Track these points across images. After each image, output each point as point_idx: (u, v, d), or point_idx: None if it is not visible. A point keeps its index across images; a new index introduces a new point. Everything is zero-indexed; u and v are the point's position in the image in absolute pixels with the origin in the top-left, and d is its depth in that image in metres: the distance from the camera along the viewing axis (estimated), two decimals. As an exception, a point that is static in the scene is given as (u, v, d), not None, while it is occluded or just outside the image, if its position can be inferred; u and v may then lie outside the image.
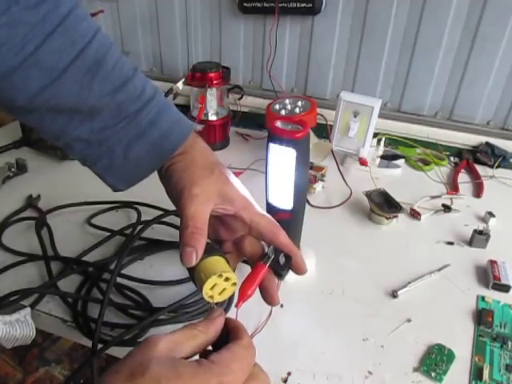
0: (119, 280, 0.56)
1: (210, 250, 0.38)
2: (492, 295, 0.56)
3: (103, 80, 0.38)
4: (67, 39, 0.36)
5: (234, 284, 0.38)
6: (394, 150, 0.92)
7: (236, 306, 0.38)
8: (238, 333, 0.33)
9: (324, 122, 0.90)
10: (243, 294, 0.38)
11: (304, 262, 0.42)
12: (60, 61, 0.36)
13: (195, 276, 0.38)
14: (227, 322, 0.34)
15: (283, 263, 0.40)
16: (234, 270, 0.39)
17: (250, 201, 0.42)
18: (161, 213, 0.66)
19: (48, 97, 0.37)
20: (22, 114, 0.39)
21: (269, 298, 0.41)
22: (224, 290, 0.38)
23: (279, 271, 0.40)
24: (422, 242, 0.67)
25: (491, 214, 0.71)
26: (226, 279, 0.37)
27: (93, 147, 0.40)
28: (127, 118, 0.39)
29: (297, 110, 0.84)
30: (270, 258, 0.40)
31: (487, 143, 0.91)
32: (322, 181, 0.82)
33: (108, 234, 0.66)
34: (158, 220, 0.63)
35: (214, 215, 0.40)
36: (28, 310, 0.50)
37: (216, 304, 0.37)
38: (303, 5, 0.92)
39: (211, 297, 0.37)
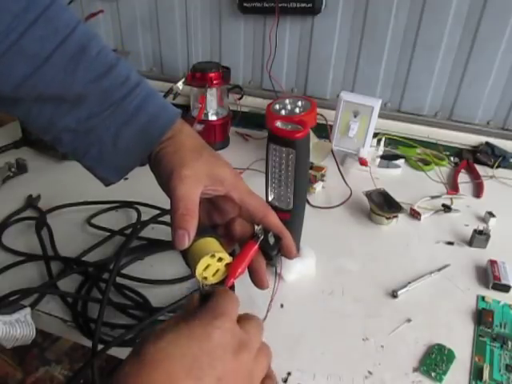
0: (119, 280, 0.56)
1: (202, 232, 0.38)
2: (492, 295, 0.56)
3: (87, 67, 0.39)
4: (50, 27, 0.37)
5: (228, 264, 0.37)
6: (394, 150, 0.92)
7: (226, 284, 0.37)
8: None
9: (324, 122, 0.90)
10: (233, 272, 0.37)
11: (294, 244, 0.41)
12: (43, 48, 0.37)
13: (188, 258, 0.38)
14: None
15: (273, 244, 0.40)
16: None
17: (241, 181, 0.41)
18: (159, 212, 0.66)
19: (33, 85, 0.37)
20: (9, 105, 0.39)
21: (258, 280, 0.41)
22: (218, 270, 0.37)
23: (268, 251, 0.40)
24: (422, 242, 0.67)
25: (491, 214, 0.70)
26: (220, 260, 0.37)
27: (81, 137, 0.41)
28: (113, 105, 0.40)
29: (297, 110, 0.84)
30: (259, 237, 0.39)
31: (487, 143, 0.91)
32: (322, 181, 0.82)
33: (108, 234, 0.66)
34: (155, 219, 0.63)
35: (206, 198, 0.40)
36: (28, 310, 0.50)
37: (206, 286, 0.37)
38: (303, 5, 0.92)
39: (205, 278, 0.37)
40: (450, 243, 0.67)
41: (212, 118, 0.95)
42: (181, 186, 0.37)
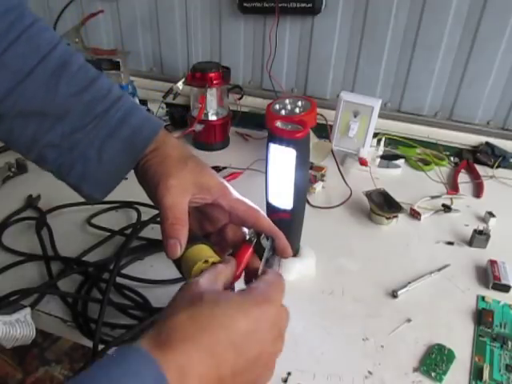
0: (119, 280, 0.56)
1: (193, 240, 0.38)
2: (492, 295, 0.56)
3: (69, 81, 0.39)
4: (32, 45, 0.38)
5: None
6: (394, 150, 0.92)
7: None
8: (266, 270, 0.36)
9: (324, 122, 0.90)
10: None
11: (288, 244, 0.42)
12: (25, 64, 0.38)
13: (182, 266, 0.38)
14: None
15: (266, 246, 0.40)
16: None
17: (228, 188, 0.42)
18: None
19: (15, 99, 0.38)
20: None
21: None
22: None
23: (263, 253, 0.40)
24: (422, 242, 0.67)
25: (491, 214, 0.70)
26: (213, 265, 0.37)
27: (65, 154, 0.41)
28: (97, 118, 0.40)
29: (297, 110, 0.84)
30: (253, 240, 0.39)
31: (487, 143, 0.91)
32: (322, 181, 0.82)
33: (108, 234, 0.66)
34: (155, 219, 0.63)
35: (195, 208, 0.40)
36: (28, 310, 0.50)
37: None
38: (303, 5, 0.92)
39: None
40: (450, 243, 0.67)
41: (212, 118, 0.95)
42: (168, 196, 0.37)
